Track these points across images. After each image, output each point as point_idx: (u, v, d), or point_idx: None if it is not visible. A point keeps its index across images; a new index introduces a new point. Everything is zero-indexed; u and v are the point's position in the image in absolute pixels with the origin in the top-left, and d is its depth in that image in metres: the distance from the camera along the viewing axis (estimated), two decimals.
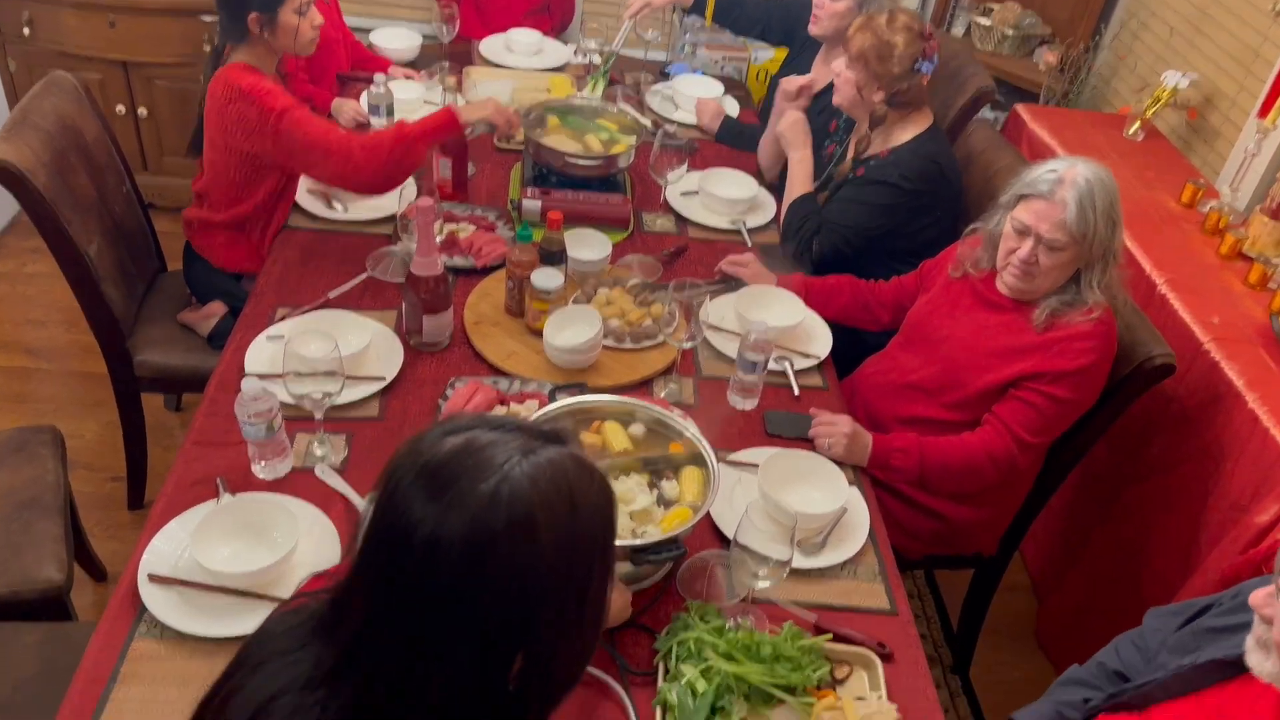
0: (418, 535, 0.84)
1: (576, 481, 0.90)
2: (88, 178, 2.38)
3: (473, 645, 0.86)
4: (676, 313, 1.94)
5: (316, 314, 2.05)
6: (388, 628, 0.87)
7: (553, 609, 0.89)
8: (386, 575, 0.87)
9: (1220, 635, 1.47)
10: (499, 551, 0.84)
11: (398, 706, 0.87)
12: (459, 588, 0.85)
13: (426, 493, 0.85)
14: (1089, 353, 1.91)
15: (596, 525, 0.92)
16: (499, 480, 0.86)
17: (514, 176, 2.66)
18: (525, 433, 0.92)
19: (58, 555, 1.89)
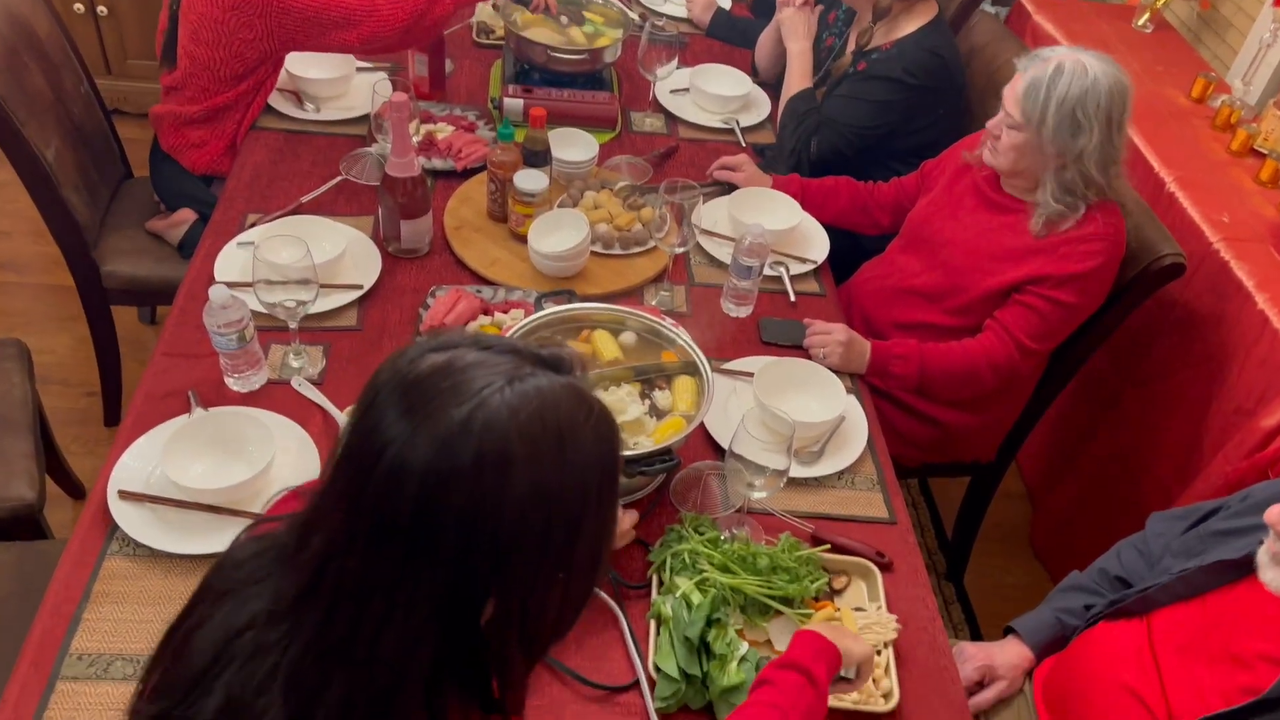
0: (385, 457, 0.76)
1: (569, 416, 0.80)
2: (42, 77, 2.25)
3: (435, 585, 0.77)
4: (667, 216, 1.87)
5: (288, 219, 1.96)
6: (350, 557, 0.79)
7: (529, 556, 0.79)
8: (352, 498, 0.79)
9: (1228, 537, 1.45)
10: (463, 486, 0.75)
11: (359, 646, 0.79)
12: (420, 520, 0.76)
13: (399, 412, 0.77)
14: (1096, 255, 1.83)
15: (591, 468, 0.81)
16: (474, 407, 0.76)
17: (494, 73, 2.54)
18: (519, 356, 0.82)
19: (29, 472, 1.83)
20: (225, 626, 0.84)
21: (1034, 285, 1.88)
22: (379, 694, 0.79)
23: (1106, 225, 1.84)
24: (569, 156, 2.15)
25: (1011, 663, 1.60)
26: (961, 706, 1.38)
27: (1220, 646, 1.34)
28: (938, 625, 1.48)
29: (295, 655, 0.81)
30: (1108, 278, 1.89)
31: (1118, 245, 1.86)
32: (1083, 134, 1.76)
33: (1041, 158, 1.82)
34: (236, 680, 0.82)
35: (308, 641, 0.80)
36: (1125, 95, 1.78)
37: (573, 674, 1.34)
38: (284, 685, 0.80)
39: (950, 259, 2.00)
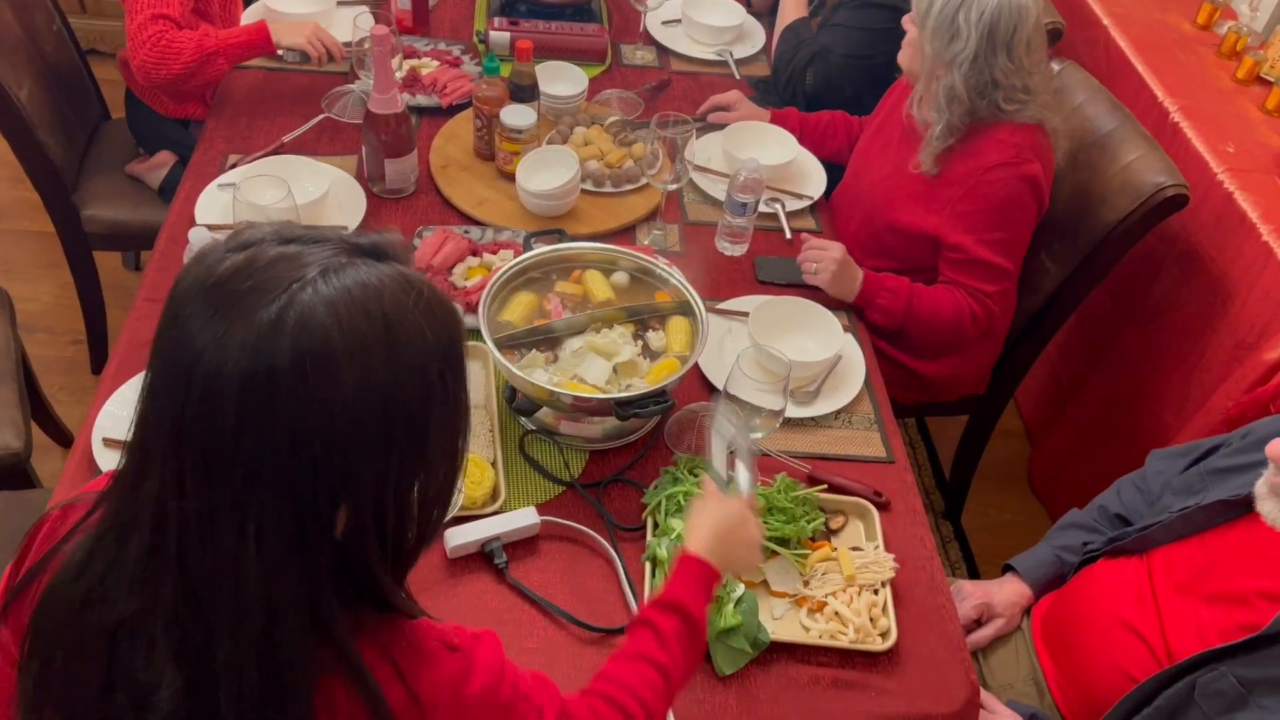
0: (196, 372, 0.70)
1: (394, 303, 0.74)
2: (11, 15, 2.19)
3: (281, 505, 0.71)
4: (659, 152, 1.82)
5: (270, 160, 1.91)
6: (185, 496, 0.72)
7: (373, 457, 0.74)
8: (172, 428, 0.72)
9: (1228, 475, 1.43)
10: (283, 390, 0.69)
11: (222, 588, 0.74)
12: (248, 434, 0.69)
13: (205, 320, 0.70)
14: (997, 184, 1.80)
15: (428, 356, 0.76)
16: (284, 305, 0.70)
17: (479, 6, 2.46)
18: (333, 246, 0.75)
19: (14, 421, 1.81)
20: (98, 632, 0.78)
21: (956, 237, 1.85)
22: (262, 630, 0.74)
23: (1004, 150, 1.78)
24: (557, 91, 2.09)
25: (1010, 600, 1.60)
26: (959, 645, 1.38)
27: (1219, 584, 1.33)
28: (935, 564, 1.47)
29: (166, 616, 0.76)
30: (1023, 200, 1.82)
31: (1022, 166, 1.79)
32: (958, 41, 1.71)
33: (922, 60, 1.78)
34: (127, 663, 0.77)
35: (172, 599, 0.75)
36: (1017, 17, 1.70)
37: (568, 616, 1.33)
38: (170, 650, 0.76)
39: (871, 195, 1.98)
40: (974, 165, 1.81)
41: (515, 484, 1.48)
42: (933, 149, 1.83)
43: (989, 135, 1.80)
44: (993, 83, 1.75)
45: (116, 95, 2.47)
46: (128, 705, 0.77)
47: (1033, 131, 1.81)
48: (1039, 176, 1.82)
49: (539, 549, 1.41)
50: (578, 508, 1.46)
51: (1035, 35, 1.75)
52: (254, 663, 0.75)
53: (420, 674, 0.83)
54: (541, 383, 1.44)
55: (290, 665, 0.75)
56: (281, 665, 0.75)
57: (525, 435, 1.54)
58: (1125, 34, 2.45)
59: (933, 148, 1.83)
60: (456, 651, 0.86)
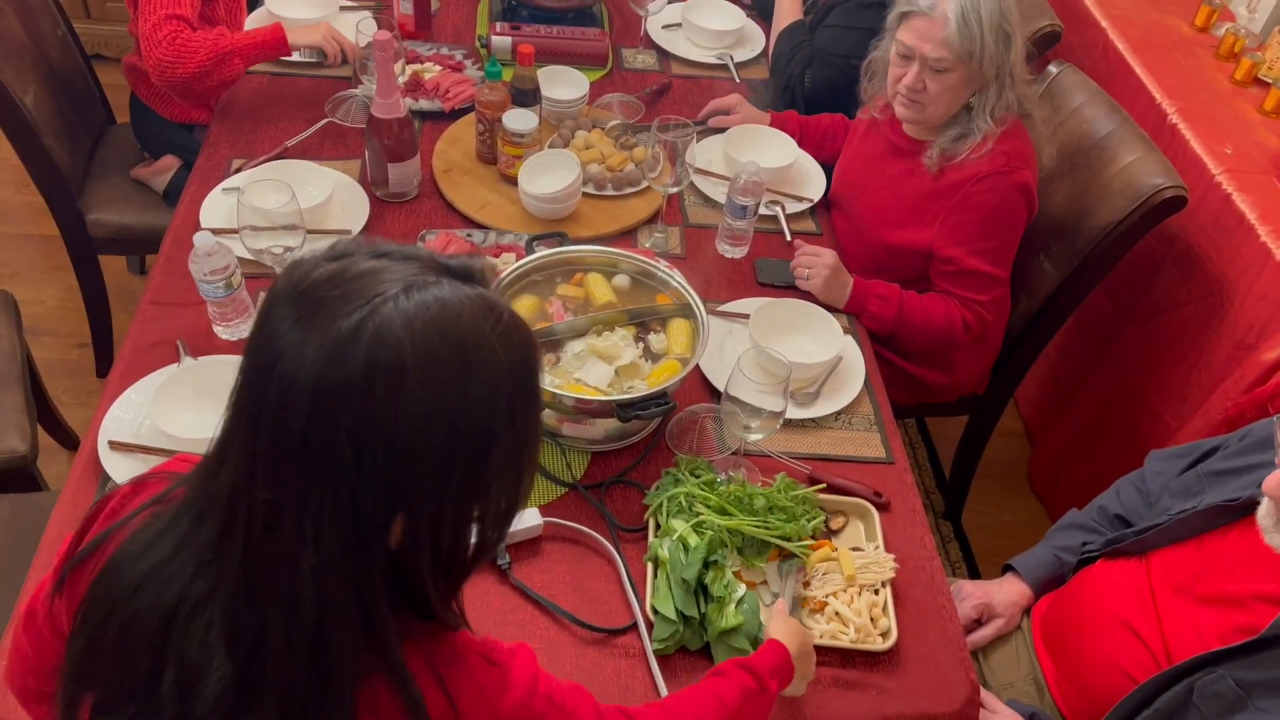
0: (277, 370, 0.72)
1: (472, 326, 0.75)
2: (17, 20, 2.20)
3: (340, 507, 0.73)
4: (660, 156, 1.82)
5: (274, 164, 1.92)
6: (256, 486, 0.75)
7: (433, 473, 0.75)
8: (251, 418, 0.75)
9: (1226, 478, 1.44)
10: (354, 398, 0.71)
11: (280, 580, 0.75)
12: (315, 435, 0.72)
13: (291, 322, 0.73)
14: (988, 193, 1.81)
15: (499, 381, 0.77)
16: (364, 316, 0.72)
17: (481, 11, 2.47)
18: (420, 264, 0.77)
19: (20, 425, 1.82)
20: (155, 611, 0.80)
21: (948, 248, 1.86)
22: (313, 627, 0.76)
23: (995, 158, 1.80)
24: (559, 95, 2.10)
25: (1010, 600, 1.61)
26: (960, 645, 1.39)
27: (1216, 587, 1.34)
28: (936, 564, 1.48)
29: (225, 602, 0.78)
30: (1014, 208, 1.84)
31: (1013, 174, 1.80)
32: (1012, 43, 1.73)
33: (971, 88, 1.78)
34: (180, 645, 0.79)
35: (234, 585, 0.78)
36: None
37: (570, 617, 1.34)
38: (224, 637, 0.78)
39: (861, 211, 1.99)
40: (965, 175, 1.82)
41: None
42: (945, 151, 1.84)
43: (977, 146, 1.81)
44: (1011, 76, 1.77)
45: (121, 100, 2.48)
46: (174, 687, 0.79)
47: (1017, 136, 1.82)
48: (1029, 183, 1.83)
49: (542, 550, 1.42)
50: (580, 509, 1.48)
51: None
52: (303, 657, 0.77)
53: (461, 686, 0.85)
54: (544, 385, 1.45)
55: (337, 663, 0.78)
56: (329, 662, 0.77)
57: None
58: (1123, 36, 2.46)
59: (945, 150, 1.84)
60: (495, 666, 0.88)
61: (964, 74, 1.74)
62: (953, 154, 1.83)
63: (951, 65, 1.72)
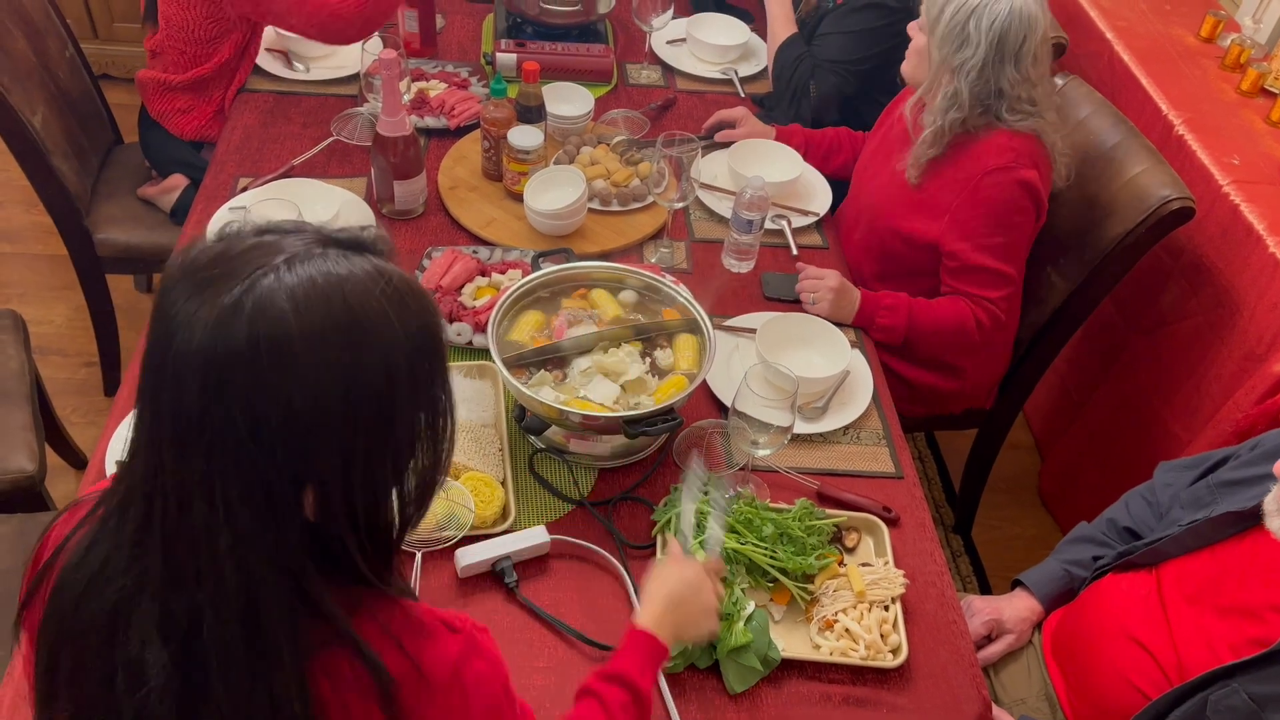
0: (171, 348, 0.74)
1: (361, 293, 0.76)
2: (25, 41, 2.21)
3: (247, 479, 0.74)
4: (666, 171, 1.82)
5: (280, 182, 1.93)
6: (165, 472, 0.76)
7: (335, 439, 0.76)
8: (154, 403, 0.76)
9: (1236, 488, 1.43)
10: (242, 369, 0.72)
11: (203, 562, 0.76)
12: (210, 410, 0.73)
13: (181, 302, 0.74)
14: (994, 188, 1.80)
15: (394, 343, 0.77)
16: (245, 289, 0.73)
17: (486, 28, 2.48)
18: (307, 238, 0.78)
19: (28, 444, 1.83)
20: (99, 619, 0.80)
21: (955, 243, 1.86)
22: (243, 604, 0.77)
23: (1001, 154, 1.79)
24: (564, 112, 2.11)
25: (1020, 615, 1.59)
26: (971, 661, 1.38)
27: (1230, 598, 1.32)
28: (946, 579, 1.47)
29: (154, 591, 0.79)
30: (1021, 204, 1.83)
31: (1017, 171, 1.79)
32: (967, 48, 1.73)
33: (929, 67, 1.79)
34: (124, 645, 0.80)
35: (159, 574, 0.78)
36: (1027, 26, 1.72)
37: (578, 635, 1.33)
38: (158, 627, 0.78)
39: (872, 202, 2.00)
40: (971, 170, 1.82)
41: (525, 503, 1.49)
42: (918, 156, 1.85)
43: (986, 141, 1.82)
44: (998, 92, 1.77)
45: (128, 119, 2.49)
46: (125, 687, 0.80)
47: (1030, 140, 1.82)
48: (1035, 182, 1.83)
49: (549, 567, 1.42)
50: (587, 526, 1.47)
51: (1042, 47, 1.77)
52: (239, 635, 0.77)
53: (422, 649, 0.86)
54: (550, 402, 1.44)
55: (275, 637, 0.78)
56: (267, 638, 0.78)
57: (535, 454, 1.55)
58: (1129, 48, 2.46)
59: (918, 154, 1.85)
60: (458, 633, 0.89)
61: (926, 43, 1.79)
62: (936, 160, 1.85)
63: (924, 27, 1.80)
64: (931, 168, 1.87)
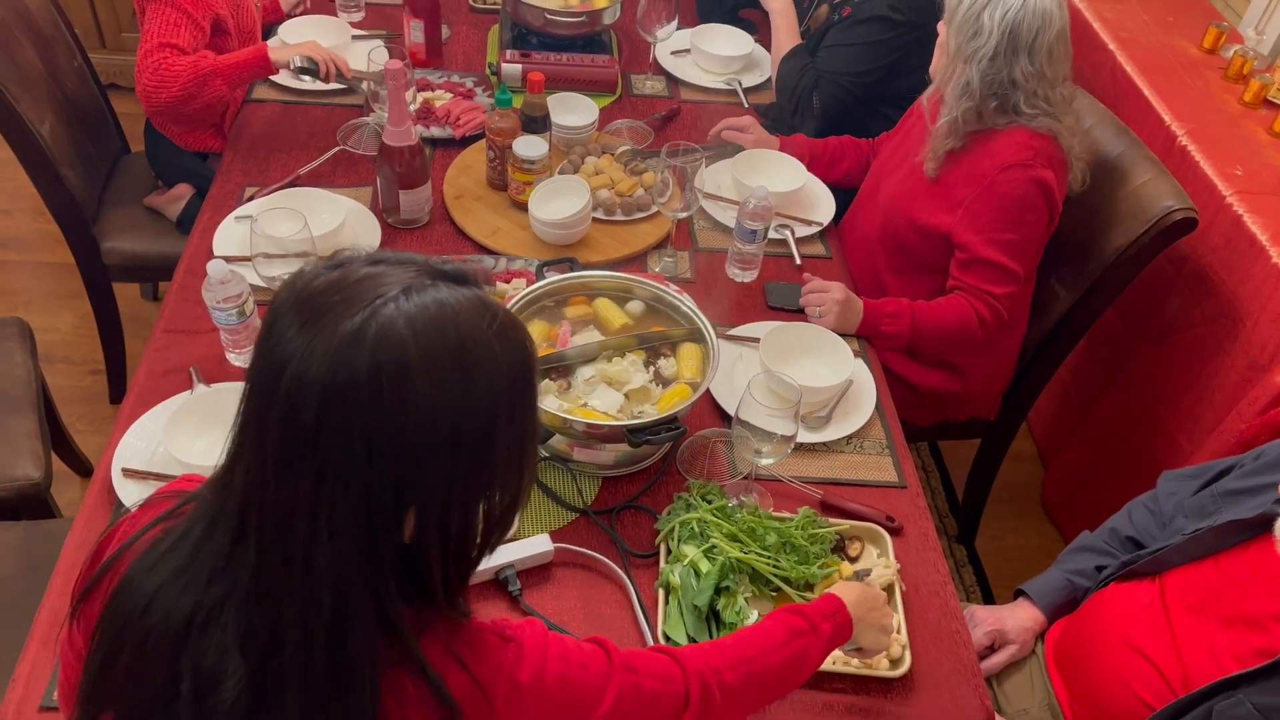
0: (285, 375, 0.75)
1: (469, 323, 0.79)
2: (34, 52, 2.23)
3: (352, 501, 0.76)
4: (670, 181, 1.83)
5: (286, 192, 1.94)
6: (268, 488, 0.77)
7: (441, 466, 0.78)
8: (261, 424, 0.78)
9: (1240, 497, 1.43)
10: (362, 396, 0.74)
11: (294, 577, 0.77)
12: (325, 434, 0.75)
13: (296, 329, 0.76)
14: (1011, 184, 1.82)
15: (498, 375, 0.80)
16: (366, 317, 0.75)
17: (492, 39, 2.50)
18: (418, 269, 0.81)
19: (34, 451, 1.83)
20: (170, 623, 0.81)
21: (967, 235, 1.87)
22: (330, 622, 0.78)
23: (1019, 151, 1.81)
24: (569, 122, 2.11)
25: (1023, 625, 1.59)
26: (974, 671, 1.38)
27: (1233, 607, 1.32)
28: (949, 589, 1.47)
29: (239, 604, 0.80)
30: (1035, 203, 1.84)
31: (1035, 169, 1.81)
32: (980, 37, 1.75)
33: (946, 57, 1.82)
34: (196, 653, 0.80)
35: (248, 588, 0.80)
36: (1042, 20, 1.74)
37: None
38: (239, 639, 0.79)
39: (887, 198, 2.01)
40: (989, 165, 1.83)
41: (529, 511, 1.49)
42: (935, 148, 1.87)
43: (1005, 137, 1.83)
44: (1010, 82, 1.78)
45: (135, 129, 2.50)
46: (191, 696, 0.80)
47: (1048, 140, 1.83)
48: (1050, 182, 1.83)
49: (552, 576, 1.42)
50: (591, 534, 1.47)
51: (1058, 46, 1.78)
52: (322, 653, 0.79)
53: (481, 664, 0.87)
54: (554, 410, 1.45)
55: (355, 657, 0.79)
56: (347, 657, 0.79)
57: (539, 462, 1.56)
58: (1131, 58, 2.47)
59: (935, 146, 1.87)
60: (510, 642, 0.91)
61: (945, 35, 1.82)
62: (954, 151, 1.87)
63: (945, 19, 1.83)
64: (949, 161, 1.88)
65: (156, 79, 1.94)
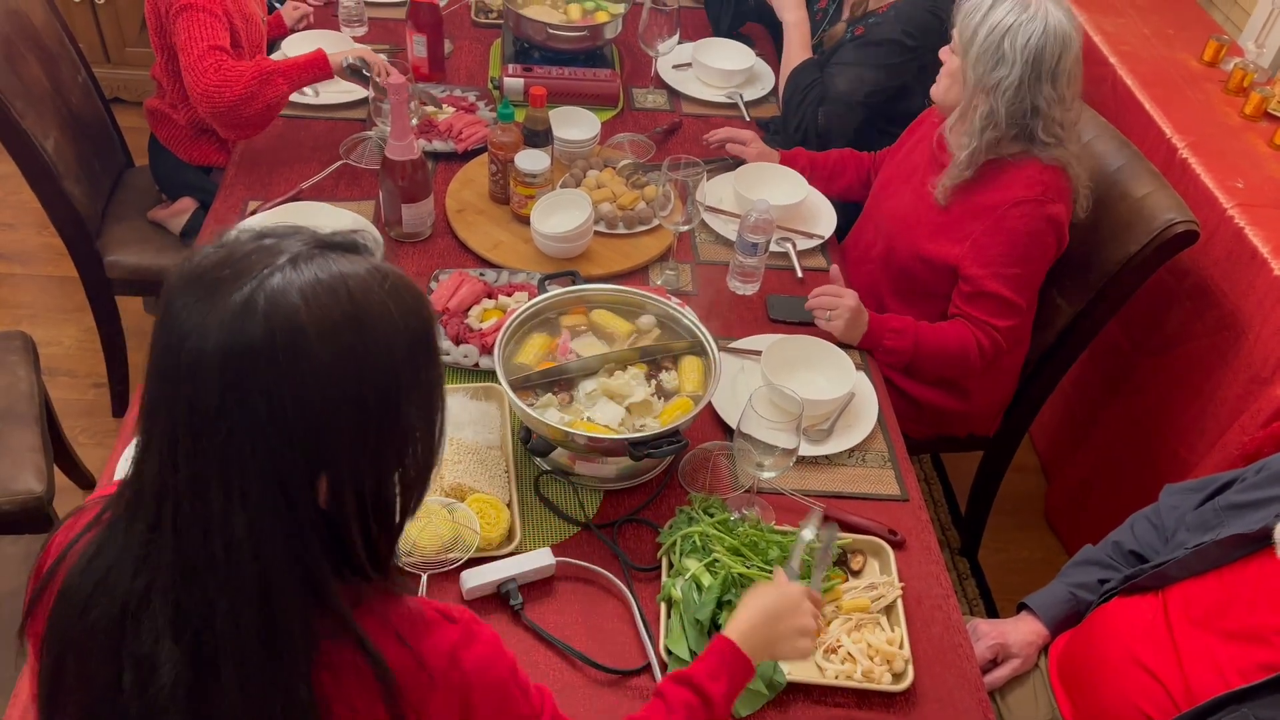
0: (184, 351, 0.76)
1: (363, 287, 0.80)
2: (39, 67, 2.24)
3: (264, 470, 0.77)
4: (671, 194, 1.84)
5: (289, 206, 1.95)
6: (178, 469, 0.78)
7: (348, 429, 0.79)
8: (167, 406, 0.78)
9: (1243, 510, 1.42)
10: (260, 363, 0.75)
11: (215, 553, 0.78)
12: (229, 404, 0.75)
13: (190, 306, 0.77)
14: (1021, 219, 1.81)
15: (395, 335, 0.81)
16: (254, 288, 0.76)
17: (494, 53, 2.51)
18: (305, 240, 0.82)
19: (36, 465, 1.83)
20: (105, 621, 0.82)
21: (973, 268, 1.86)
22: (258, 596, 0.79)
23: (1030, 186, 1.80)
24: (571, 135, 2.12)
25: (1025, 640, 1.59)
26: (977, 685, 1.37)
27: (1237, 621, 1.32)
28: (951, 603, 1.47)
29: (165, 588, 0.80)
30: (1044, 239, 1.84)
31: (1046, 205, 1.81)
32: (1003, 66, 1.73)
33: (964, 89, 1.80)
34: (132, 645, 0.81)
35: (171, 570, 0.80)
36: (1062, 44, 1.73)
37: (583, 658, 1.33)
38: (170, 623, 0.80)
39: (891, 223, 2.00)
40: (1000, 199, 1.83)
41: (531, 525, 1.49)
42: (952, 177, 1.85)
43: (1016, 170, 1.82)
44: (1033, 109, 1.77)
45: (139, 142, 2.52)
46: (134, 685, 0.81)
47: (1058, 173, 1.83)
48: (1061, 217, 1.84)
49: (554, 590, 1.42)
50: (593, 548, 1.47)
51: (1075, 68, 1.78)
52: (253, 627, 0.79)
53: (421, 639, 0.88)
54: (556, 423, 1.45)
55: (287, 629, 0.80)
56: (280, 630, 0.80)
57: (540, 476, 1.56)
58: (1132, 72, 2.47)
59: (952, 176, 1.85)
60: (455, 623, 0.92)
61: (961, 65, 1.79)
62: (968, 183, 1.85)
63: (955, 47, 1.81)
64: (959, 192, 1.87)
65: (219, 79, 1.93)
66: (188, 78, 1.96)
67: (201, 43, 1.94)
